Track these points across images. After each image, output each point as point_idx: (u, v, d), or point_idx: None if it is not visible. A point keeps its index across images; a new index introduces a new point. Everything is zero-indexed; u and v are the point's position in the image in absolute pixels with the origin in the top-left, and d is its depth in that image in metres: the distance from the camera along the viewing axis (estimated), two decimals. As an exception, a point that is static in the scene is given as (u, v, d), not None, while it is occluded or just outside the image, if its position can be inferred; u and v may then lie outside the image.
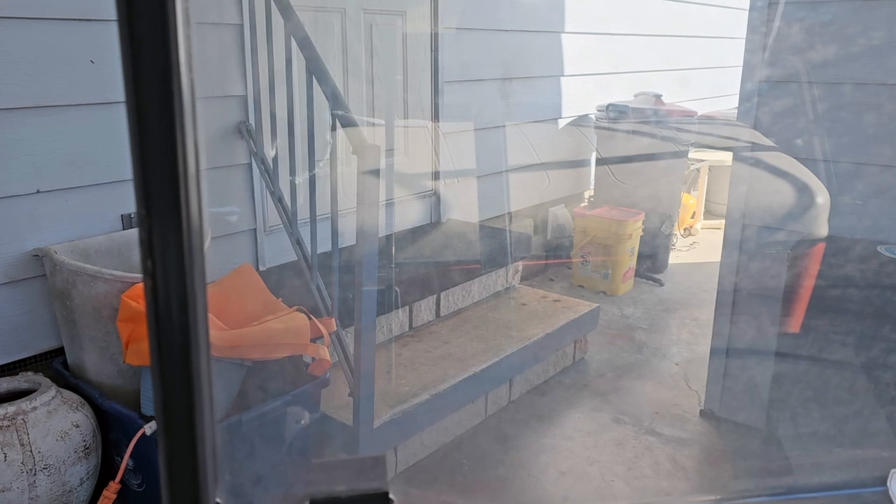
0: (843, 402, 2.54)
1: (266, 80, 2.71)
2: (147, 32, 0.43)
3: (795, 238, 2.73)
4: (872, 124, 2.48)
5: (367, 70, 3.26)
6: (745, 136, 2.76)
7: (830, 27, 2.49)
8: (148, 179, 0.54)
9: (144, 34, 0.42)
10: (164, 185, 0.56)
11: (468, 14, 3.65)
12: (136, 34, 0.43)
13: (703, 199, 5.55)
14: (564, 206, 4.72)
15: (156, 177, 0.53)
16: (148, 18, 0.42)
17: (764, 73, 2.63)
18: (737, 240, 2.79)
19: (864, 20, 2.44)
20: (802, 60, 2.56)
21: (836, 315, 2.51)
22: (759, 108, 2.67)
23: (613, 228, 4.22)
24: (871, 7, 2.42)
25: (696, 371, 3.27)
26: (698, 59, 5.70)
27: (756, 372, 2.82)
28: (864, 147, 2.50)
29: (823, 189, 2.61)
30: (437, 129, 3.60)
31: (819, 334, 2.55)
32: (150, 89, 0.47)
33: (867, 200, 2.54)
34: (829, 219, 2.61)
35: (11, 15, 2.14)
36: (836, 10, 2.47)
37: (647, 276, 4.53)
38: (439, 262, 3.23)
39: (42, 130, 2.26)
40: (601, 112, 4.57)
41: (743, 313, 2.81)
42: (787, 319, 2.62)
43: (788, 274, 2.62)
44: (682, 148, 4.63)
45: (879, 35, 2.42)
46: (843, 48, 2.47)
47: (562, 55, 4.34)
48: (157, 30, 0.43)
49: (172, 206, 0.57)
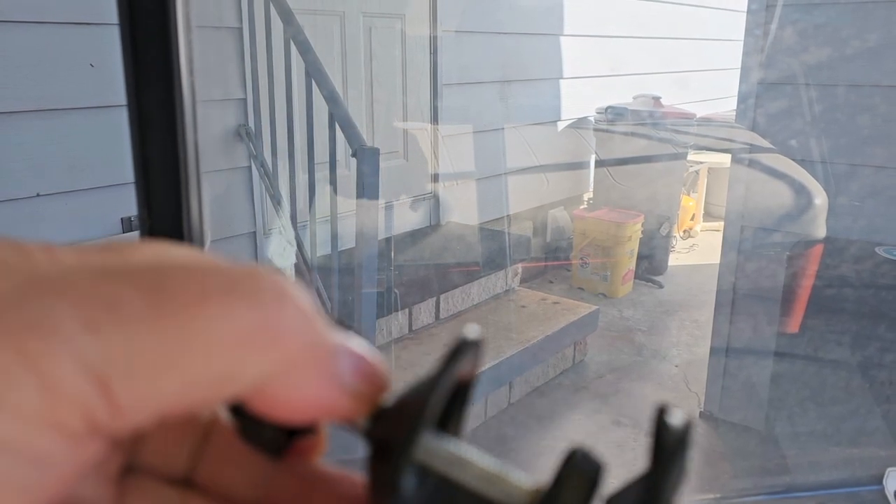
0: (840, 402, 2.54)
1: (266, 83, 2.72)
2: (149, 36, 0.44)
3: (794, 239, 2.74)
4: (867, 125, 2.50)
5: (367, 73, 3.27)
6: (744, 138, 2.77)
7: (826, 29, 2.50)
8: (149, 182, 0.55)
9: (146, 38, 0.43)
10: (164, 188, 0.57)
11: (467, 17, 3.65)
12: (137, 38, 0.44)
13: (702, 201, 5.55)
14: (564, 208, 4.72)
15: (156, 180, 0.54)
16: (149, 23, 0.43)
17: (761, 75, 2.64)
18: (735, 241, 2.79)
19: (859, 23, 2.45)
20: (799, 62, 2.57)
21: (834, 315, 2.52)
22: (756, 110, 2.68)
23: (613, 231, 4.22)
24: (867, 10, 2.43)
25: (696, 373, 3.27)
26: (697, 61, 5.71)
27: (754, 372, 2.82)
28: (860, 148, 2.51)
29: (821, 190, 2.62)
30: (437, 132, 3.60)
31: (817, 335, 2.56)
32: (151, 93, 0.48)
33: (863, 201, 2.54)
34: (827, 220, 2.62)
35: (12, 19, 2.15)
36: (831, 12, 2.48)
37: (646, 277, 4.52)
38: (439, 264, 3.23)
39: (42, 134, 2.26)
40: (600, 114, 4.57)
41: (742, 314, 2.81)
42: (785, 320, 2.63)
43: (787, 275, 2.63)
44: (680, 150, 4.63)
45: (874, 37, 2.43)
46: (838, 50, 2.48)
47: (561, 58, 4.34)
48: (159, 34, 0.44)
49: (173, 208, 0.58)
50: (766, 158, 2.76)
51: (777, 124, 2.66)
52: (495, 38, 3.87)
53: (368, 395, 0.22)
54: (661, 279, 4.55)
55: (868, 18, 2.44)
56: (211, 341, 0.19)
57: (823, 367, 2.57)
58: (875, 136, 2.49)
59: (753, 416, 2.84)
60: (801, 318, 2.59)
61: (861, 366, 2.47)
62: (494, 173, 4.05)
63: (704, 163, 5.42)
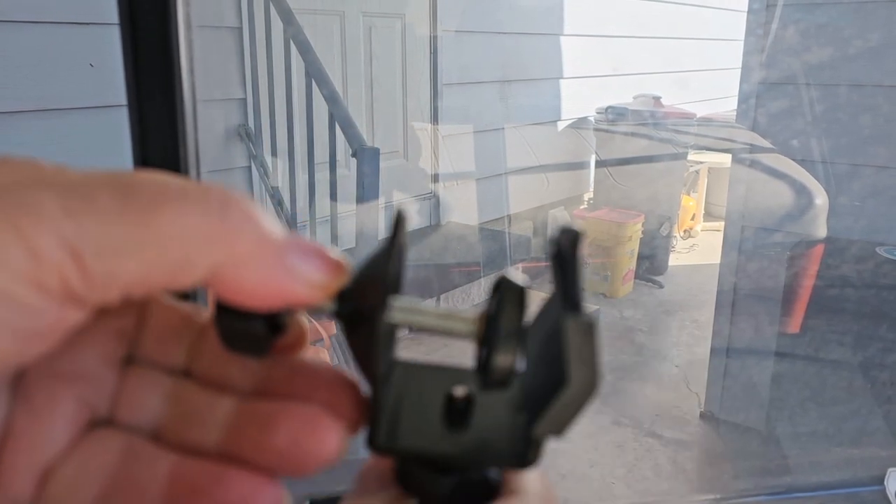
0: (841, 402, 2.54)
1: (266, 82, 2.72)
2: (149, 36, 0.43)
3: (794, 239, 2.74)
4: (869, 125, 2.49)
5: (367, 73, 3.27)
6: (744, 138, 2.77)
7: (827, 29, 2.50)
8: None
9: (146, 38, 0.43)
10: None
11: (467, 16, 3.65)
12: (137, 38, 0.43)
13: (702, 201, 5.54)
14: (564, 208, 4.72)
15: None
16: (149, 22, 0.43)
17: (762, 74, 2.63)
18: (736, 241, 2.78)
19: (860, 22, 2.44)
20: (800, 62, 2.57)
21: (835, 316, 2.51)
22: (757, 110, 2.67)
23: (613, 231, 4.21)
24: (868, 10, 2.43)
25: (697, 373, 3.26)
26: (698, 61, 5.70)
27: (755, 373, 2.81)
28: (862, 148, 2.50)
29: (822, 190, 2.61)
30: (437, 132, 3.60)
31: (818, 335, 2.55)
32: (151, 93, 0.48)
33: (864, 201, 2.54)
34: (828, 220, 2.61)
35: (12, 19, 2.15)
36: (832, 12, 2.48)
37: (646, 277, 4.52)
38: (439, 264, 3.23)
39: (43, 134, 2.26)
40: (600, 114, 4.57)
41: (743, 314, 2.81)
42: (786, 320, 2.63)
43: (788, 275, 2.62)
44: (681, 150, 4.63)
45: (876, 37, 2.43)
46: (840, 50, 2.47)
47: (561, 57, 4.34)
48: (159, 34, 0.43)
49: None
50: (766, 158, 2.75)
51: (778, 124, 2.65)
52: (495, 37, 3.86)
53: (326, 281, 0.26)
54: (662, 279, 4.54)
55: (870, 18, 2.43)
56: (167, 234, 0.23)
57: (824, 368, 2.57)
58: (877, 135, 2.48)
59: (754, 417, 2.83)
60: (801, 318, 2.58)
61: (862, 366, 2.47)
62: (495, 173, 4.04)
63: (705, 163, 5.42)
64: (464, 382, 0.31)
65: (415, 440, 0.28)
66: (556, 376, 0.25)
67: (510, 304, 0.27)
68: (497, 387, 0.27)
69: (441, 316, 0.28)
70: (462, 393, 0.30)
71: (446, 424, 0.29)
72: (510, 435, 0.28)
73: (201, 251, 0.24)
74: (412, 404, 0.30)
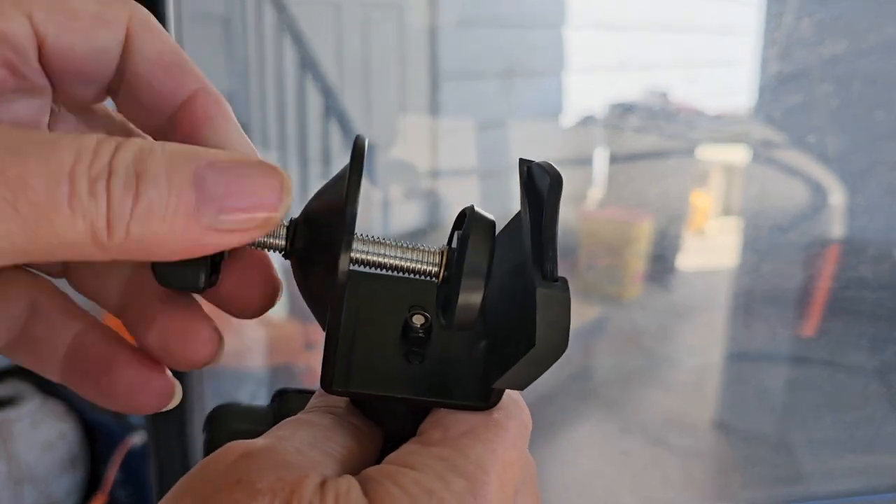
0: (856, 408, 2.52)
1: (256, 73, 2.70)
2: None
3: (809, 239, 2.72)
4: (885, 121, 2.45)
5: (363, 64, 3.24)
6: (757, 134, 2.77)
7: (842, 21, 2.48)
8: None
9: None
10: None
11: (468, 7, 3.62)
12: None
13: (714, 199, 5.51)
14: (570, 206, 4.68)
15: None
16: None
17: (776, 69, 2.63)
18: (750, 241, 2.80)
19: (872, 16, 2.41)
20: (815, 56, 2.55)
21: (851, 318, 2.50)
22: (770, 105, 2.64)
23: (621, 230, 4.19)
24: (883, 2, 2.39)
25: (708, 378, 3.23)
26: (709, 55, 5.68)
27: (768, 377, 2.80)
28: (878, 144, 2.48)
29: (838, 187, 2.59)
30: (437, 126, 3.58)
31: (834, 338, 2.54)
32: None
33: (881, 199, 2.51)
34: (844, 219, 2.60)
35: None
36: (847, 4, 2.45)
37: (656, 279, 4.48)
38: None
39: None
40: (608, 109, 4.53)
41: (756, 317, 2.80)
42: (801, 323, 2.61)
43: (802, 276, 2.60)
44: (691, 146, 4.59)
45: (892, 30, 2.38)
46: (855, 44, 2.45)
47: (567, 51, 4.33)
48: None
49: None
50: (780, 155, 2.72)
51: (792, 119, 2.62)
52: (498, 29, 3.83)
53: (259, 221, 0.24)
54: (672, 280, 4.50)
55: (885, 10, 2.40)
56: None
57: (839, 372, 2.54)
58: (894, 132, 2.44)
59: (768, 424, 2.81)
60: (817, 320, 2.57)
61: (878, 370, 2.43)
62: (497, 169, 4.01)
63: (717, 160, 5.39)
64: (422, 304, 0.30)
65: (370, 384, 0.28)
66: (522, 333, 0.24)
67: (477, 239, 0.26)
68: (459, 329, 0.26)
69: (402, 249, 0.28)
70: (420, 322, 0.29)
71: (403, 354, 0.29)
72: (468, 370, 0.28)
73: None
74: (367, 337, 0.29)
